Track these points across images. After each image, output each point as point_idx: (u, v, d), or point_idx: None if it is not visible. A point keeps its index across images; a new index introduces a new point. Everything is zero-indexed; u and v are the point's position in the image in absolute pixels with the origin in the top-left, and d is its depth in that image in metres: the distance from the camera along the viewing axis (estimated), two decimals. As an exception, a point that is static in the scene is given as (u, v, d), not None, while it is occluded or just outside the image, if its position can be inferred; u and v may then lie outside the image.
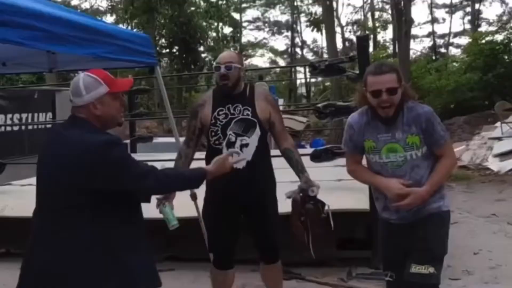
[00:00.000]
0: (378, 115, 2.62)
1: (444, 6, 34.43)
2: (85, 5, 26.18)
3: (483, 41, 18.41)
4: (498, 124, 13.18)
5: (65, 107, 9.70)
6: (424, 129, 2.56)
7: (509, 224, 6.38)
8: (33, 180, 6.26)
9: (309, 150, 7.03)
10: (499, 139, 12.33)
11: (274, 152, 3.49)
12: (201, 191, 3.34)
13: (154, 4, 19.41)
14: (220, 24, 24.47)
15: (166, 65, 24.48)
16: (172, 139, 4.86)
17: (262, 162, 3.26)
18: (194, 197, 3.97)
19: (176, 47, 21.90)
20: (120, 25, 18.00)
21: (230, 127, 3.17)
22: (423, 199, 2.60)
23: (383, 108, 2.57)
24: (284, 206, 3.30)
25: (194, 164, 3.38)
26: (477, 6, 32.19)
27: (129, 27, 20.80)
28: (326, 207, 3.20)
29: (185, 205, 3.15)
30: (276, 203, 3.36)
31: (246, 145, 3.17)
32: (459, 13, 34.59)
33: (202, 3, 23.40)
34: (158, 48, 21.29)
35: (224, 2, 24.33)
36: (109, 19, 24.06)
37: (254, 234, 3.37)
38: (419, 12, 45.75)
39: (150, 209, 2.56)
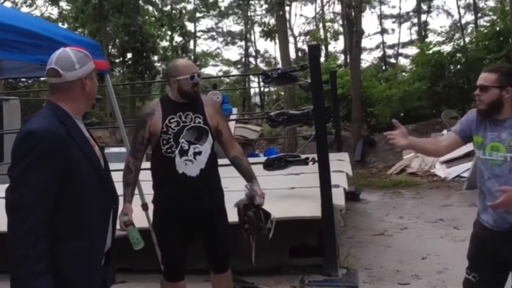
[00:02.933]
0: (492, 115, 2.67)
1: (392, 17, 35.41)
2: (36, 13, 25.47)
3: (430, 51, 19.02)
4: (444, 131, 13.59)
5: (12, 116, 9.42)
6: None
7: (456, 229, 6.58)
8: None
9: (262, 158, 7.06)
10: (446, 146, 12.70)
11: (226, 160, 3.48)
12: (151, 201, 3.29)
13: (105, 12, 19.11)
14: (172, 33, 24.32)
15: (119, 74, 24.09)
16: (124, 149, 4.78)
17: (214, 170, 3.26)
18: (145, 207, 3.91)
19: (129, 56, 21.61)
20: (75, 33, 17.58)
21: (182, 135, 3.15)
22: None
23: (477, 101, 2.68)
24: (233, 215, 3.29)
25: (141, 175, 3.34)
26: (424, 17, 33.27)
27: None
28: (271, 217, 3.22)
29: (136, 216, 3.08)
30: (225, 211, 3.35)
31: (199, 153, 3.15)
32: (407, 24, 35.65)
33: (155, 12, 23.21)
34: (110, 57, 20.94)
35: (178, 11, 24.21)
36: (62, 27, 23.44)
37: (204, 243, 3.34)
38: (369, 23, 46.94)
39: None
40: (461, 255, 5.34)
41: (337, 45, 32.68)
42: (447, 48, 19.22)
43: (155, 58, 23.34)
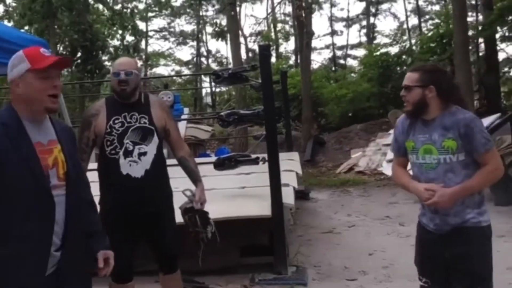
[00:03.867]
0: (419, 115, 2.63)
1: (342, 19, 36.04)
2: (-23, 9, 24.43)
3: (378, 53, 19.52)
4: (391, 131, 13.95)
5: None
6: (463, 134, 2.49)
7: (401, 225, 6.79)
8: None
9: (213, 158, 7.07)
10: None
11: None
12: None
13: (54, 10, 18.54)
14: (123, 32, 23.86)
15: (67, 73, 23.46)
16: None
17: (160, 170, 3.24)
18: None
19: (78, 55, 21.08)
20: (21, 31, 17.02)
21: (127, 135, 3.11)
22: (449, 198, 2.50)
23: (404, 103, 2.64)
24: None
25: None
26: (372, 20, 34.08)
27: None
28: (210, 223, 3.29)
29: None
30: (173, 212, 3.34)
31: (144, 153, 3.13)
32: (356, 26, 36.40)
33: (105, 10, 22.70)
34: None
35: (129, 10, 23.79)
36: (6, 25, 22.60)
37: (151, 244, 3.33)
38: (319, 24, 47.70)
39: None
40: (406, 250, 5.55)
41: (288, 46, 33.01)
42: (393, 50, 19.80)
43: (105, 57, 22.87)
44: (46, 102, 2.02)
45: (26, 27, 19.37)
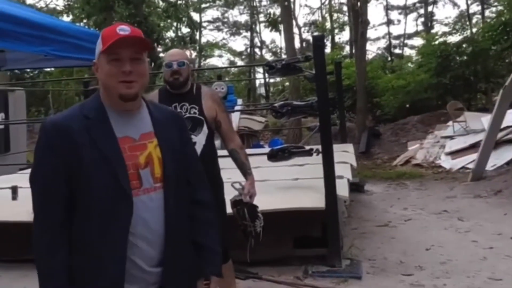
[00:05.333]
0: None
1: (398, 8, 35.18)
2: (41, 4, 25.48)
3: (436, 42, 18.90)
4: (450, 123, 13.56)
5: (18, 106, 9.45)
6: None
7: (460, 220, 6.58)
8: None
9: (267, 149, 7.06)
10: (451, 137, 12.70)
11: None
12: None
13: (111, 3, 19.05)
14: (178, 24, 24.22)
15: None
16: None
17: (210, 160, 3.24)
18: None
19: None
20: (77, 25, 17.65)
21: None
22: None
23: None
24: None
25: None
26: (430, 8, 33.06)
27: (86, 27, 20.40)
28: (259, 217, 3.26)
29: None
30: (224, 202, 3.34)
31: (194, 143, 3.15)
32: (413, 15, 35.43)
33: (160, 2, 23.13)
34: (115, 48, 20.79)
35: (183, 2, 24.11)
36: (66, 19, 23.47)
37: None
38: (375, 14, 46.74)
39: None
40: (464, 246, 5.40)
41: (343, 36, 32.56)
42: (453, 38, 19.11)
43: (160, 49, 23.30)
44: (119, 88, 1.69)
45: (85, 21, 20.00)
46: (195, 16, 31.12)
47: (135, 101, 1.74)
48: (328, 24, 31.08)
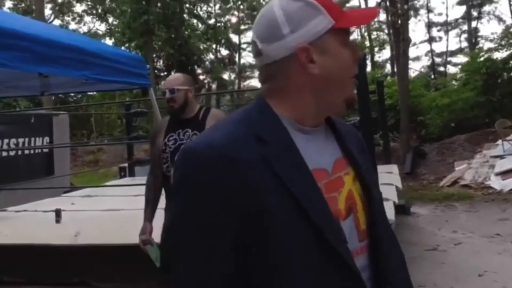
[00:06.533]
0: None
1: (439, 25, 34.65)
2: (84, 29, 26.36)
3: (482, 59, 18.43)
4: (499, 142, 13.09)
5: (62, 130, 9.67)
6: None
7: (514, 244, 6.25)
8: (28, 206, 6.18)
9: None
10: (500, 157, 12.23)
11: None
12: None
13: (151, 27, 19.52)
14: (218, 46, 24.58)
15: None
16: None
17: None
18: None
19: (174, 70, 22.01)
20: (119, 48, 18.17)
21: (178, 153, 3.03)
22: None
23: None
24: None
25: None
26: (474, 24, 32.42)
27: (127, 50, 20.96)
28: None
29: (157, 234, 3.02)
30: None
31: None
32: (456, 31, 34.81)
33: (200, 25, 23.56)
34: (156, 71, 21.31)
35: (222, 24, 24.48)
36: (108, 42, 24.20)
37: None
38: (416, 31, 46.28)
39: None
40: (522, 273, 5.10)
41: (383, 55, 32.25)
42: (500, 55, 18.57)
43: (199, 71, 23.65)
44: (351, 88, 1.15)
45: (126, 44, 20.53)
46: (234, 38, 31.51)
47: None
48: (367, 43, 30.88)
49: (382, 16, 26.89)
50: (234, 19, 30.32)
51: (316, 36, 1.06)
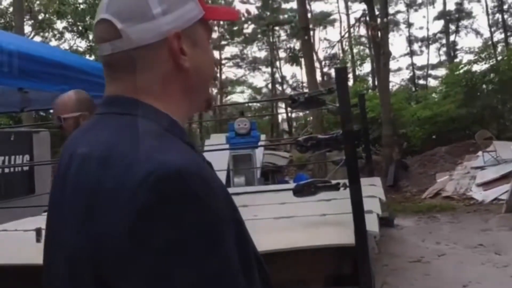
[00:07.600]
0: None
1: (419, 40, 35.09)
2: (64, 46, 26.20)
3: (461, 71, 18.70)
4: (479, 153, 13.25)
5: (42, 148, 9.53)
6: None
7: (497, 254, 6.29)
8: (7, 225, 6.06)
9: (292, 185, 6.91)
10: (481, 168, 12.36)
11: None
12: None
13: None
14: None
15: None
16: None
17: None
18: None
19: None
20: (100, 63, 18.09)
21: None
22: None
23: None
24: (268, 242, 3.17)
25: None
26: (452, 37, 32.94)
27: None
28: None
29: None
30: None
31: None
32: (436, 45, 35.31)
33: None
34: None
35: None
36: (89, 58, 24.12)
37: None
38: (397, 45, 46.91)
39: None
40: (504, 282, 5.12)
41: (364, 68, 32.55)
42: (478, 67, 18.88)
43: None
44: (209, 87, 1.06)
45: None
46: (215, 53, 31.57)
47: None
48: (349, 57, 31.17)
49: (362, 30, 27.26)
50: (214, 35, 30.42)
51: (189, 24, 0.92)
